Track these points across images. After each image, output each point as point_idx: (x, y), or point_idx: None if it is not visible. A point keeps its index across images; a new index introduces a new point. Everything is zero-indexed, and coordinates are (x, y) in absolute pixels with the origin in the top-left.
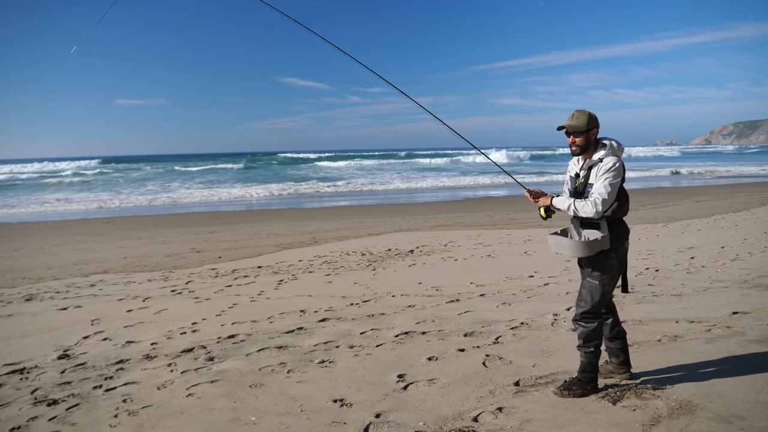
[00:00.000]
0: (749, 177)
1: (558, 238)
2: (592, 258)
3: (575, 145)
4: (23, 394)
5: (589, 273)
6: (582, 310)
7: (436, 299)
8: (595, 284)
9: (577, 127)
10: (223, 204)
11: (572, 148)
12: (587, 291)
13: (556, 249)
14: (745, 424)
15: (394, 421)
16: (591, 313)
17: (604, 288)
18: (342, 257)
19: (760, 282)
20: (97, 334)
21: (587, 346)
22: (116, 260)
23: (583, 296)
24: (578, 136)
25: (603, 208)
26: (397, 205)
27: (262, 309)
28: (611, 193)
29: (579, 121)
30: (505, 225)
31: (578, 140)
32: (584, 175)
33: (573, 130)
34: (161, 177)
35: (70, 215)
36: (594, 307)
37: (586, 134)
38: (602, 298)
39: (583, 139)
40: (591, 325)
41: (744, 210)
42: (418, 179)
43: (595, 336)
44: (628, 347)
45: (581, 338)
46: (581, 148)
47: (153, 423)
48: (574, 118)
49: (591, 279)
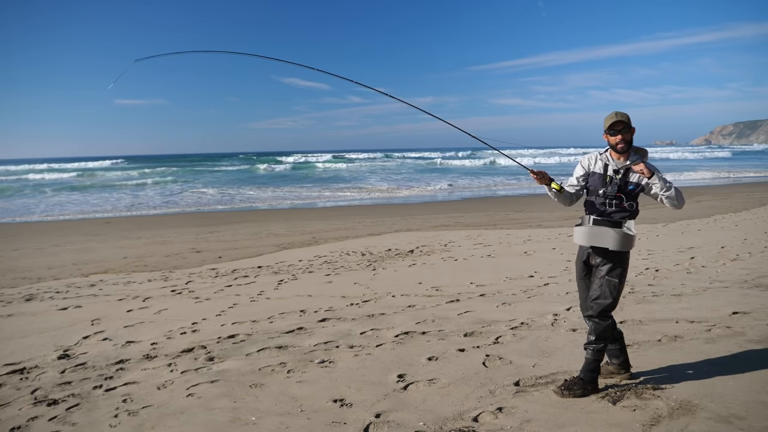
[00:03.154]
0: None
1: (598, 228)
2: (618, 255)
3: (624, 142)
4: (23, 394)
5: (607, 271)
6: (602, 307)
7: (436, 299)
8: (615, 282)
9: (627, 122)
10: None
11: (620, 146)
12: (608, 288)
13: (590, 240)
14: (745, 424)
15: (394, 421)
16: (611, 309)
17: (621, 286)
18: (342, 257)
19: (760, 282)
20: (97, 334)
21: (598, 343)
22: (116, 260)
23: (605, 293)
24: (627, 132)
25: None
26: (397, 205)
27: (262, 309)
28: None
29: (625, 117)
30: (505, 225)
31: (627, 136)
32: (623, 174)
33: (623, 126)
34: (209, 177)
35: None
36: (613, 303)
37: (631, 131)
38: (619, 295)
39: (630, 135)
40: (606, 321)
41: (744, 210)
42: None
43: (608, 332)
44: (626, 348)
45: (594, 334)
46: (629, 143)
47: (153, 423)
48: (620, 115)
49: (611, 277)
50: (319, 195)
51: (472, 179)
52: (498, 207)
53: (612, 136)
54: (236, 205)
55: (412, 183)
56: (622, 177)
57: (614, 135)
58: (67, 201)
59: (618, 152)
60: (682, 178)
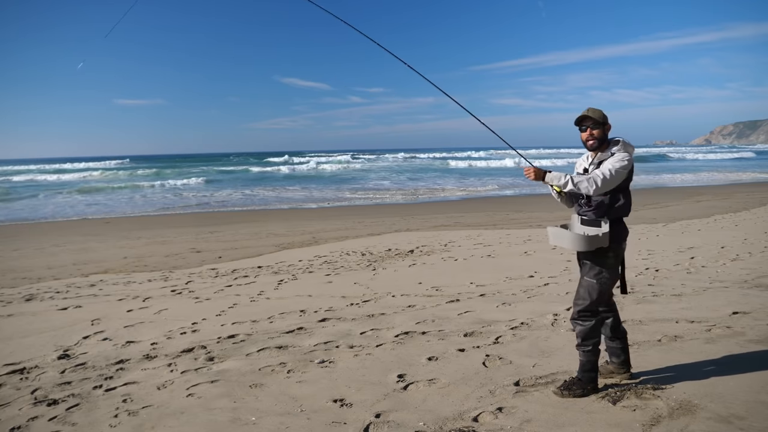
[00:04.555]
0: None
1: (558, 229)
2: (591, 255)
3: (593, 138)
4: (23, 394)
5: (586, 271)
6: (579, 308)
7: (436, 299)
8: (592, 282)
9: (596, 118)
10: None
11: (590, 142)
12: (585, 289)
13: (555, 241)
14: (745, 424)
15: (394, 421)
16: (588, 311)
17: (601, 287)
18: (342, 257)
19: (760, 282)
20: (97, 334)
21: (585, 345)
22: (116, 260)
23: (580, 294)
24: (596, 128)
25: (602, 186)
26: (397, 205)
27: (262, 309)
28: (614, 178)
29: (596, 114)
30: (505, 225)
31: (596, 132)
32: (593, 170)
33: (592, 121)
34: (239, 178)
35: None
36: (591, 305)
37: (602, 127)
38: (599, 296)
39: (601, 131)
40: (588, 323)
41: (744, 210)
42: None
43: (593, 334)
44: (628, 347)
45: (579, 337)
46: (599, 140)
47: (153, 423)
48: (590, 111)
49: (588, 277)
50: (391, 196)
51: (514, 178)
52: (498, 207)
53: (581, 132)
54: (250, 206)
55: (459, 184)
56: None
57: (582, 131)
58: (76, 202)
59: (587, 149)
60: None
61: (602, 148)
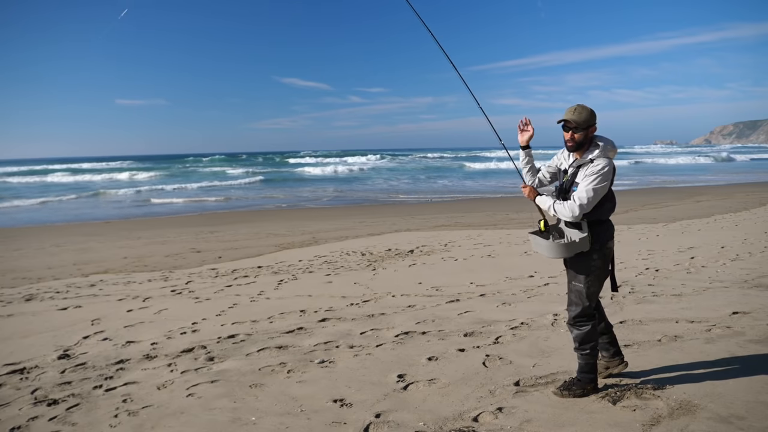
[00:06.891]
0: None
1: (536, 237)
2: (575, 260)
3: (573, 141)
4: (23, 394)
5: (573, 276)
6: (573, 314)
7: (436, 299)
8: (579, 287)
9: (579, 122)
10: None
11: (568, 144)
12: (575, 295)
13: (535, 248)
14: (745, 424)
15: (394, 421)
16: (583, 315)
17: (589, 289)
18: (342, 257)
19: (760, 282)
20: (97, 334)
21: (583, 349)
22: (116, 260)
23: (572, 300)
24: (578, 131)
25: (580, 213)
26: (397, 205)
27: (262, 309)
28: (593, 199)
29: (581, 117)
30: (505, 225)
31: (577, 136)
32: (572, 173)
33: (574, 125)
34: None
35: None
36: (584, 309)
37: (585, 131)
38: (590, 299)
39: (582, 135)
40: (585, 327)
41: (744, 210)
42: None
43: (591, 338)
44: (616, 338)
45: (577, 341)
46: (578, 144)
47: (153, 423)
48: (576, 113)
49: (575, 282)
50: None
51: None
52: (498, 207)
53: (563, 131)
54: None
55: (493, 183)
56: (571, 176)
57: (565, 131)
58: (77, 203)
59: (569, 150)
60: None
61: (583, 150)
